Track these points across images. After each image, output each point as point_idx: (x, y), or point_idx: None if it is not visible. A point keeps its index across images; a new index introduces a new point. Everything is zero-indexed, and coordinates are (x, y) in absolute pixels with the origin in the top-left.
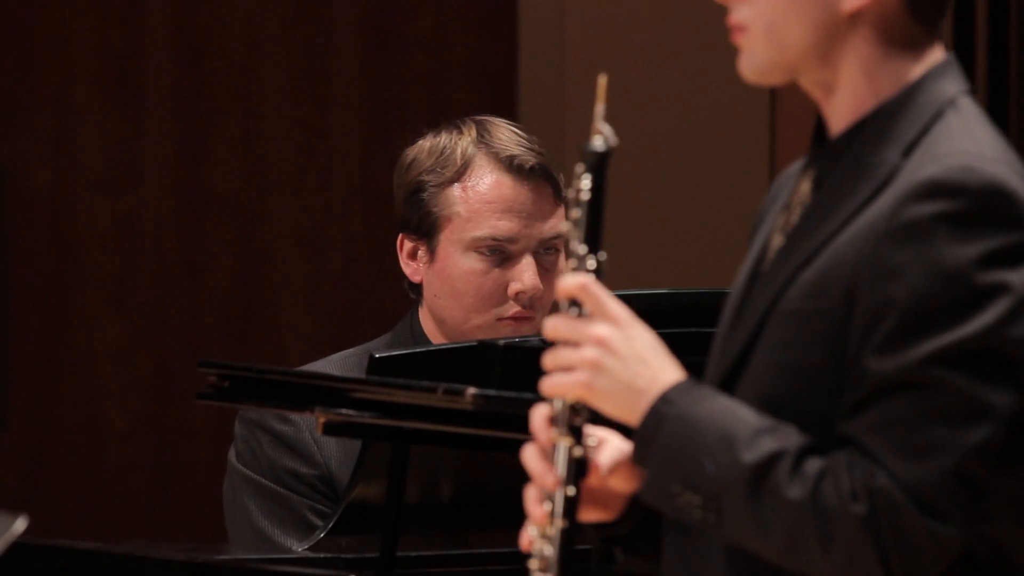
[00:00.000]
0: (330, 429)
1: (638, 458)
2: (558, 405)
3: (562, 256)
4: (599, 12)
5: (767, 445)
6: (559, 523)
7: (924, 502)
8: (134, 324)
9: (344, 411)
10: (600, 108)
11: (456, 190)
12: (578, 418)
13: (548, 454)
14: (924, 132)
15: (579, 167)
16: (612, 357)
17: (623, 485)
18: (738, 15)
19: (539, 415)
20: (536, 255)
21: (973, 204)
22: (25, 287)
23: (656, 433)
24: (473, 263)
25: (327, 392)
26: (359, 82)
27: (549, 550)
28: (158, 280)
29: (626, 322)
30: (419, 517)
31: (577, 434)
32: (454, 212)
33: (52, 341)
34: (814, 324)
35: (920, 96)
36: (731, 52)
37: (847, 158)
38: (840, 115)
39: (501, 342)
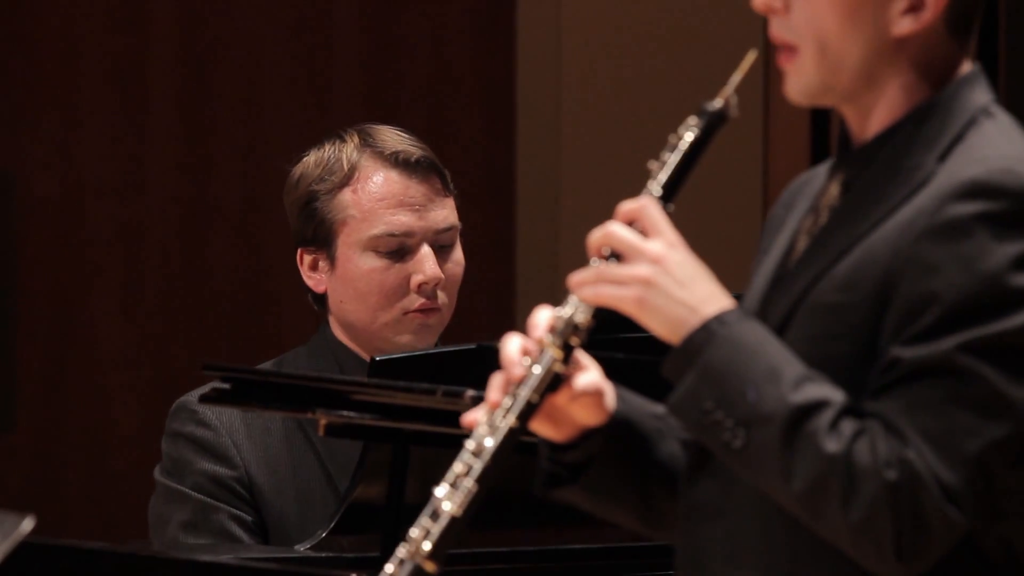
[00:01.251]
0: (331, 431)
1: (672, 369)
2: (565, 316)
3: (457, 246)
4: (596, 27)
5: (813, 392)
6: (511, 420)
7: (943, 485)
8: (139, 329)
9: (345, 413)
10: (736, 78)
11: (347, 194)
12: (576, 337)
13: (531, 352)
14: (959, 138)
15: (691, 118)
16: (666, 275)
17: (583, 415)
18: (784, 32)
19: (544, 315)
20: (432, 245)
21: (1014, 205)
22: (32, 293)
23: (703, 349)
24: (373, 262)
25: (328, 394)
26: (360, 92)
27: (490, 442)
28: (163, 286)
29: (680, 246)
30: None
31: (567, 351)
32: (348, 215)
33: (59, 345)
34: (845, 317)
35: (953, 103)
36: (727, 72)
37: (879, 162)
38: (873, 123)
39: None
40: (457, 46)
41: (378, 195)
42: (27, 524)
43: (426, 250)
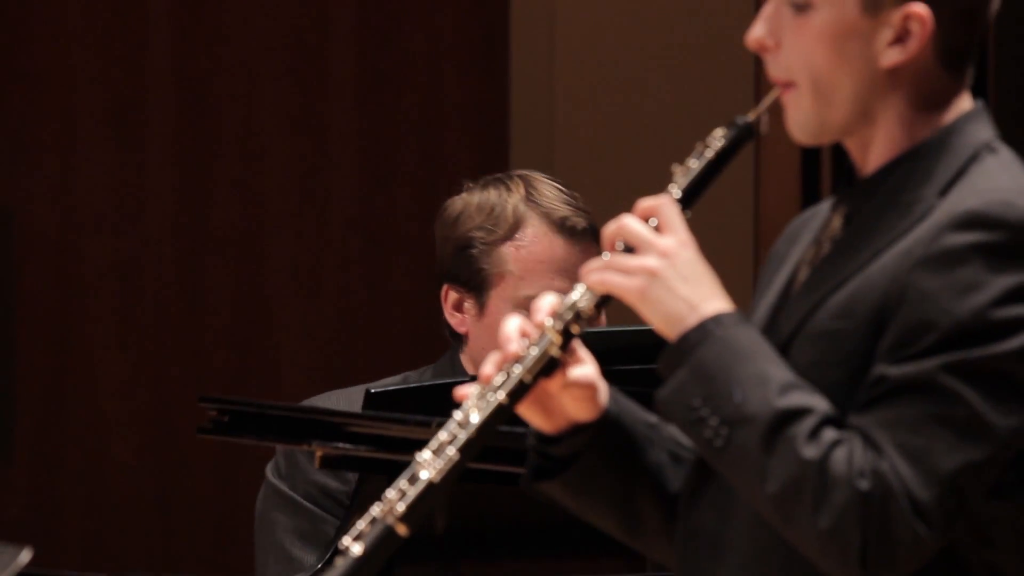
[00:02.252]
0: (327, 463)
1: (666, 365)
2: (569, 302)
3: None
4: (589, 60)
5: (798, 398)
6: (500, 396)
7: (914, 500)
8: (136, 360)
9: (341, 445)
10: (771, 97)
11: (509, 248)
12: (576, 325)
13: (529, 334)
14: (961, 173)
15: (719, 129)
16: (672, 270)
17: (575, 408)
18: (778, 70)
19: (548, 300)
20: None
21: (1011, 237)
22: (30, 324)
23: (698, 346)
24: None
25: (324, 426)
26: (355, 124)
27: (475, 416)
28: (160, 317)
29: (691, 246)
30: (414, 549)
31: (567, 337)
32: (506, 270)
33: (56, 377)
34: (839, 343)
35: (955, 139)
36: (719, 98)
37: (881, 195)
38: (874, 157)
39: None
40: (451, 80)
41: (540, 257)
42: (25, 556)
43: None
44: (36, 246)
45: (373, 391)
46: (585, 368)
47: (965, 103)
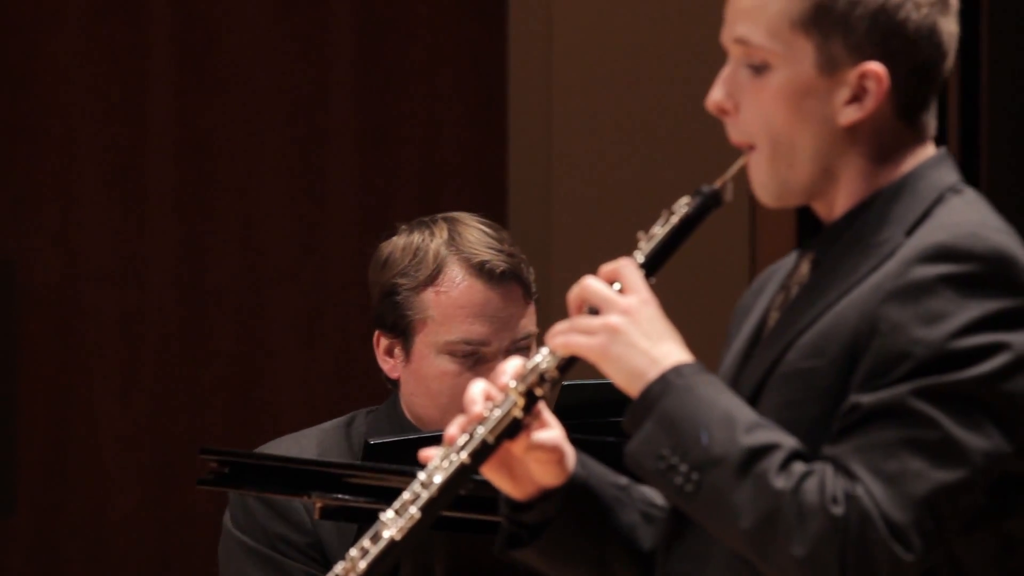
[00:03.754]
0: (327, 513)
1: (632, 421)
2: (532, 365)
3: (533, 351)
4: (586, 114)
5: (765, 435)
6: (463, 457)
7: (890, 523)
8: (138, 413)
9: (340, 496)
10: (736, 166)
11: (430, 294)
12: (540, 388)
13: (493, 396)
14: (927, 214)
15: (685, 197)
16: (633, 327)
17: (541, 473)
18: (739, 134)
19: (512, 363)
20: (508, 354)
21: (978, 268)
22: (32, 377)
23: (661, 398)
24: (447, 365)
25: (323, 478)
26: (354, 179)
27: (438, 477)
28: (161, 370)
29: (652, 304)
30: None
31: (531, 400)
32: (428, 316)
33: (59, 429)
34: (812, 381)
35: (919, 183)
36: (713, 141)
37: (847, 238)
38: (838, 208)
39: None
40: (450, 133)
41: (459, 302)
42: None
43: (500, 360)
44: (38, 299)
45: (372, 442)
46: (550, 431)
47: (928, 151)
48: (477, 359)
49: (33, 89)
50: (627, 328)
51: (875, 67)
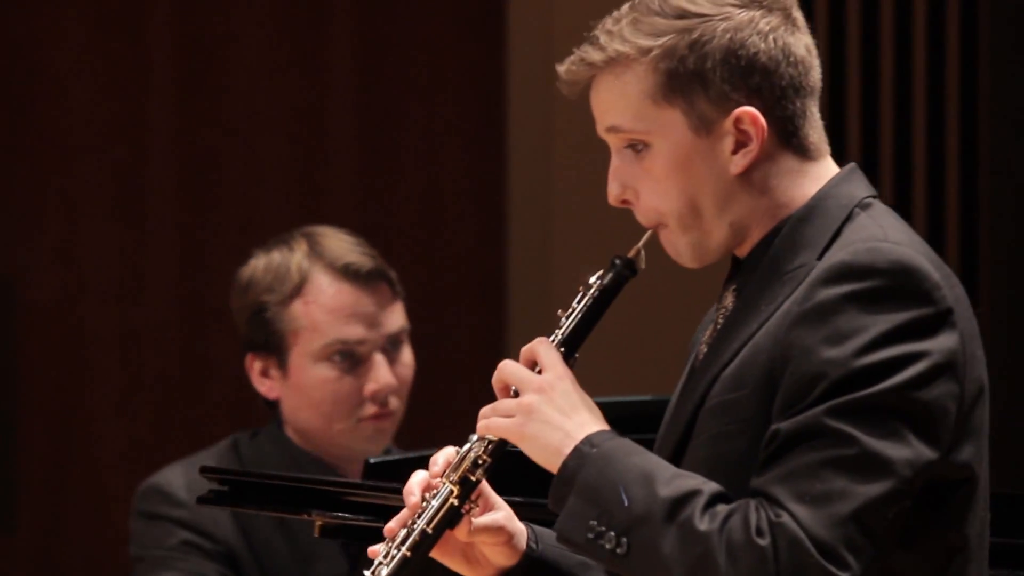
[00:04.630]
0: (326, 532)
1: (555, 499)
2: (463, 453)
3: (406, 347)
4: (587, 130)
5: (684, 484)
6: (403, 551)
7: (821, 545)
8: (138, 431)
9: (340, 514)
10: (647, 236)
11: (298, 305)
12: (473, 475)
13: (432, 486)
14: (837, 235)
15: (601, 270)
16: (548, 404)
17: (495, 555)
18: (647, 218)
19: (444, 452)
20: (384, 351)
21: (881, 283)
22: (33, 395)
23: (579, 471)
24: (326, 372)
25: (324, 496)
26: (355, 200)
27: (384, 572)
28: (162, 388)
29: (567, 379)
30: None
31: (467, 486)
32: (300, 326)
33: (59, 448)
34: (736, 413)
35: (828, 202)
36: None
37: (762, 267)
38: (750, 239)
39: None
40: (449, 154)
41: (329, 307)
42: None
43: (378, 358)
44: (38, 317)
45: (372, 461)
46: (493, 515)
47: (830, 169)
48: (354, 361)
49: (34, 106)
50: (540, 406)
51: (746, 110)
